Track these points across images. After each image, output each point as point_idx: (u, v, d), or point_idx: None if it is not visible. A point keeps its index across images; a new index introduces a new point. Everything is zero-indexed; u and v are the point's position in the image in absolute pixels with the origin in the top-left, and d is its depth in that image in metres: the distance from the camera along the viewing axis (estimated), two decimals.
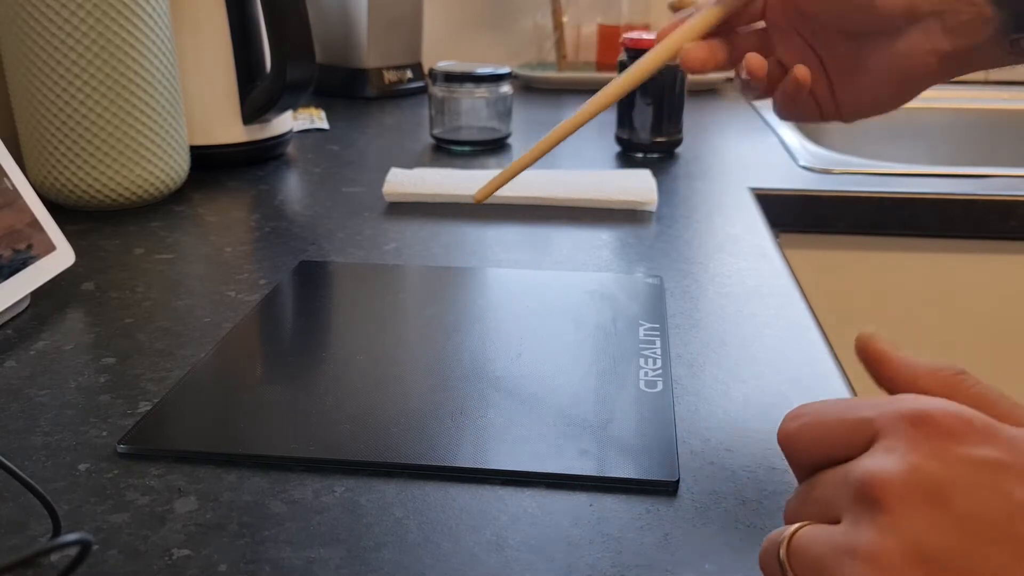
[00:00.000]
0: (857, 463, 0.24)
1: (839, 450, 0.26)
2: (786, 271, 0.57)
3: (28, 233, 0.51)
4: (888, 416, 0.25)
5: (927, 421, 0.24)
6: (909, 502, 0.22)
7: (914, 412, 0.24)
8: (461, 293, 0.52)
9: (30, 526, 0.32)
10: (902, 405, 0.25)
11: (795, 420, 0.28)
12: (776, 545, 0.25)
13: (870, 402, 0.26)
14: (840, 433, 0.26)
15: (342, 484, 0.35)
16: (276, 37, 0.77)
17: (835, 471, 0.26)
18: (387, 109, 1.11)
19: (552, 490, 0.34)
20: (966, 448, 0.23)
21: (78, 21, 0.62)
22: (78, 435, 0.38)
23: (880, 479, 0.23)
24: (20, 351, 0.46)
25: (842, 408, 0.27)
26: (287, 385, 0.41)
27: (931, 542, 0.22)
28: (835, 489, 0.25)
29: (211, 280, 0.55)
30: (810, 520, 0.25)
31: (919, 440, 0.24)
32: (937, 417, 0.24)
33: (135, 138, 0.67)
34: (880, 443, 0.25)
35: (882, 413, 0.25)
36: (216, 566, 0.30)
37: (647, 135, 0.84)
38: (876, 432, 0.25)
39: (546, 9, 1.29)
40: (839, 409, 0.27)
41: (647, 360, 0.44)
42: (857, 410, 0.26)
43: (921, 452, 0.23)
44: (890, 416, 0.25)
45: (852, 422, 0.26)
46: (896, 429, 0.24)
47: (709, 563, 0.31)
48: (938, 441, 0.24)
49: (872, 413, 0.26)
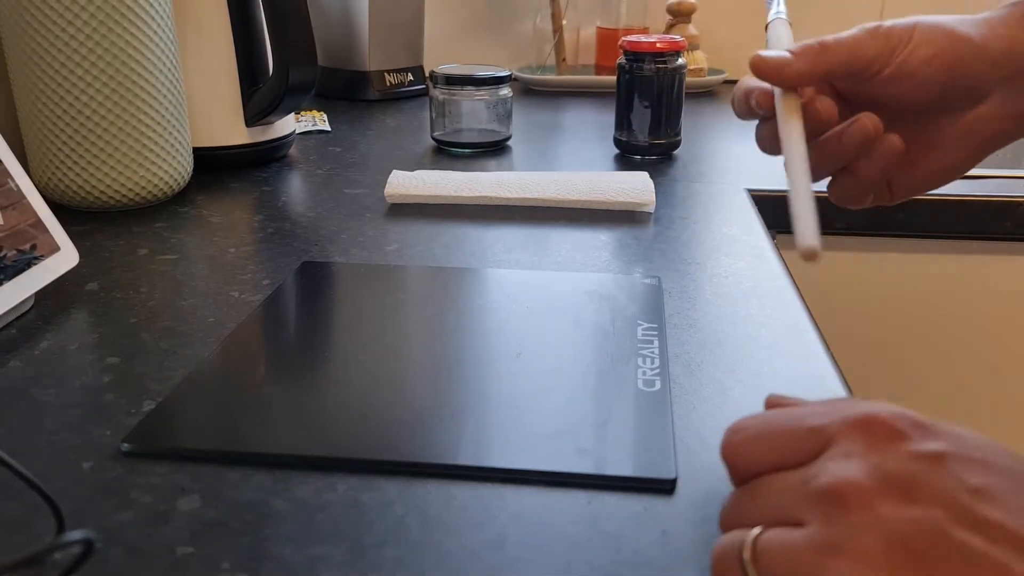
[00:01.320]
0: (819, 471, 0.25)
1: (789, 458, 0.27)
2: (783, 272, 0.57)
3: (32, 234, 0.51)
4: (838, 424, 0.26)
5: (875, 424, 0.26)
6: (880, 501, 0.23)
7: (862, 417, 0.26)
8: (461, 293, 0.53)
9: (34, 524, 0.33)
10: (849, 412, 0.27)
11: (738, 433, 0.29)
12: (735, 548, 0.26)
13: (812, 411, 0.28)
14: (791, 442, 0.27)
15: (344, 482, 0.35)
16: (278, 40, 0.77)
17: (787, 476, 0.27)
18: (388, 111, 1.11)
19: (551, 488, 0.35)
20: (916, 445, 0.25)
21: (82, 23, 0.63)
22: (82, 434, 0.38)
23: (847, 482, 0.24)
24: (25, 351, 0.46)
25: (786, 418, 0.28)
26: (290, 384, 0.42)
27: (909, 533, 0.23)
28: (791, 494, 0.26)
29: (214, 280, 0.56)
30: (762, 524, 0.26)
31: (872, 443, 0.25)
32: (884, 418, 0.26)
33: (139, 140, 0.67)
34: (835, 449, 0.26)
35: (832, 421, 0.27)
36: (219, 564, 0.30)
37: (645, 137, 0.85)
38: (828, 439, 0.26)
39: (546, 12, 1.30)
40: (783, 419, 0.28)
41: (645, 360, 0.44)
42: (804, 419, 0.28)
43: (878, 453, 0.25)
44: (840, 423, 0.26)
45: (802, 431, 0.27)
46: (848, 435, 0.26)
47: (706, 560, 0.31)
48: (890, 442, 0.25)
49: (821, 421, 0.27)
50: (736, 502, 0.28)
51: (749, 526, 0.26)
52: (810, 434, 0.27)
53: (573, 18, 1.34)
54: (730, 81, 1.30)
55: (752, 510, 0.27)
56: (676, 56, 0.83)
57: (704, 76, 1.24)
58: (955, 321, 0.82)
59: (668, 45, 0.82)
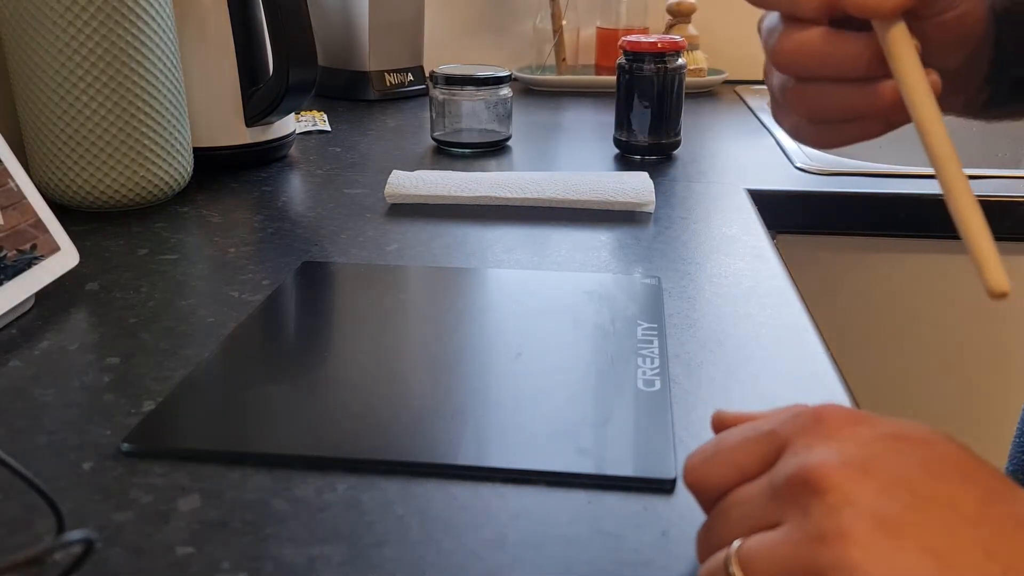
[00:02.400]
0: (782, 467, 0.26)
1: (751, 467, 0.27)
2: (783, 272, 0.57)
3: (32, 234, 0.51)
4: (790, 424, 0.27)
5: (825, 417, 0.27)
6: (849, 478, 0.24)
7: (811, 413, 0.27)
8: (462, 293, 0.53)
9: (34, 524, 0.33)
10: (796, 411, 0.28)
11: (698, 455, 0.29)
12: (720, 567, 0.25)
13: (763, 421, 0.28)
14: (749, 451, 0.28)
15: (344, 482, 0.35)
16: (278, 40, 0.77)
17: (751, 486, 0.27)
18: (388, 112, 1.11)
19: (551, 488, 0.35)
20: (868, 429, 0.26)
21: (82, 24, 0.63)
22: (82, 434, 0.39)
23: (813, 466, 0.25)
24: (25, 351, 0.46)
25: (739, 432, 0.29)
26: (290, 384, 0.42)
27: (884, 506, 0.23)
28: (762, 498, 0.26)
29: (215, 280, 0.56)
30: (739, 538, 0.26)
31: (826, 432, 0.26)
32: (831, 411, 0.27)
33: (139, 140, 0.67)
34: (793, 446, 0.26)
35: (783, 422, 0.27)
36: (219, 563, 0.31)
37: (645, 137, 0.85)
38: (784, 440, 0.27)
39: (546, 13, 1.30)
40: (736, 434, 0.29)
41: (645, 359, 0.44)
42: (756, 429, 0.28)
43: (836, 439, 0.26)
44: (791, 423, 0.27)
45: (757, 438, 0.28)
46: (802, 430, 0.27)
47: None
48: (843, 429, 0.26)
49: (773, 425, 0.28)
50: (709, 526, 0.28)
51: (728, 544, 0.26)
52: (766, 440, 0.27)
53: (573, 18, 1.34)
54: (730, 81, 1.30)
55: (727, 528, 0.27)
56: (676, 56, 0.83)
57: (704, 76, 1.24)
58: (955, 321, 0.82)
59: (668, 45, 0.82)
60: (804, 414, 0.27)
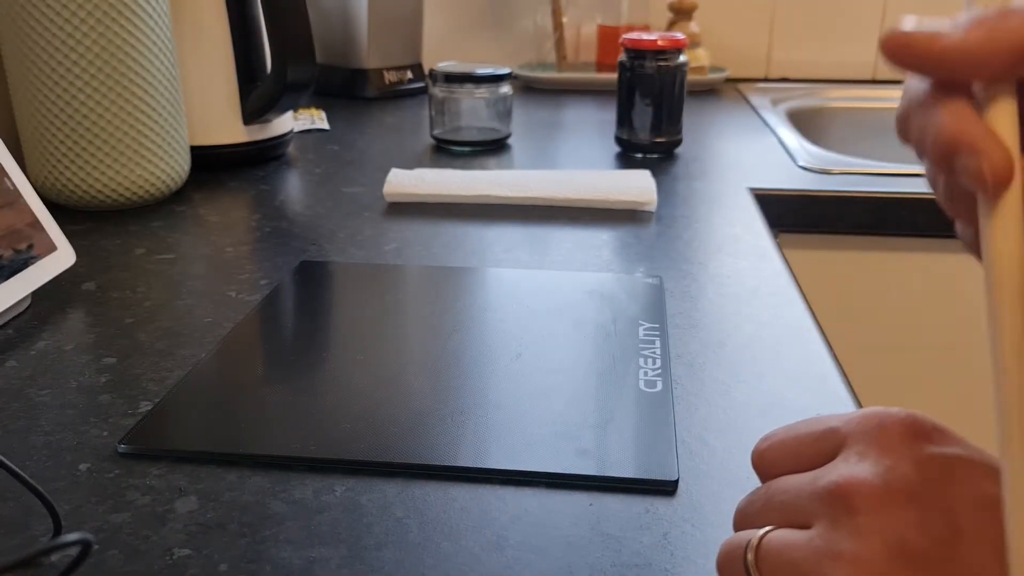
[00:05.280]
0: (829, 470, 0.25)
1: (807, 459, 0.27)
2: (785, 271, 0.57)
3: (29, 233, 0.51)
4: (853, 423, 0.26)
5: (888, 425, 0.25)
6: (888, 503, 0.23)
7: (876, 418, 0.26)
8: (461, 293, 0.52)
9: (31, 526, 0.32)
10: (865, 412, 0.26)
11: (767, 440, 0.29)
12: (740, 549, 0.25)
13: (835, 416, 0.28)
14: (808, 443, 0.27)
15: (343, 484, 0.35)
16: (276, 38, 0.77)
17: (799, 477, 0.26)
18: (387, 109, 1.11)
19: (552, 490, 0.34)
20: (934, 447, 0.24)
21: (79, 21, 0.62)
22: (79, 435, 0.38)
23: (856, 482, 0.24)
24: (21, 351, 0.46)
25: (810, 423, 0.28)
26: (288, 385, 0.42)
27: (914, 541, 0.22)
28: (802, 494, 0.26)
29: (212, 280, 0.56)
30: (772, 524, 0.26)
31: (885, 442, 0.25)
32: (901, 419, 0.25)
33: (136, 138, 0.67)
34: (849, 449, 0.26)
35: (847, 421, 0.26)
36: (217, 565, 0.30)
37: (647, 135, 0.85)
38: (843, 439, 0.26)
39: (546, 10, 1.29)
40: (807, 424, 0.28)
41: (647, 360, 0.44)
42: (823, 422, 0.27)
43: (893, 454, 0.24)
44: (855, 423, 0.26)
45: (819, 432, 0.27)
46: (863, 435, 0.25)
47: (707, 562, 0.31)
48: (906, 442, 0.25)
49: (837, 423, 0.27)
50: (749, 501, 0.28)
51: (759, 526, 0.26)
52: (826, 435, 0.27)
53: (574, 15, 1.34)
54: (732, 79, 1.30)
55: (763, 509, 0.27)
56: (678, 54, 0.83)
57: (706, 74, 1.23)
58: (956, 320, 0.81)
59: (670, 43, 0.81)
60: (870, 417, 0.26)
